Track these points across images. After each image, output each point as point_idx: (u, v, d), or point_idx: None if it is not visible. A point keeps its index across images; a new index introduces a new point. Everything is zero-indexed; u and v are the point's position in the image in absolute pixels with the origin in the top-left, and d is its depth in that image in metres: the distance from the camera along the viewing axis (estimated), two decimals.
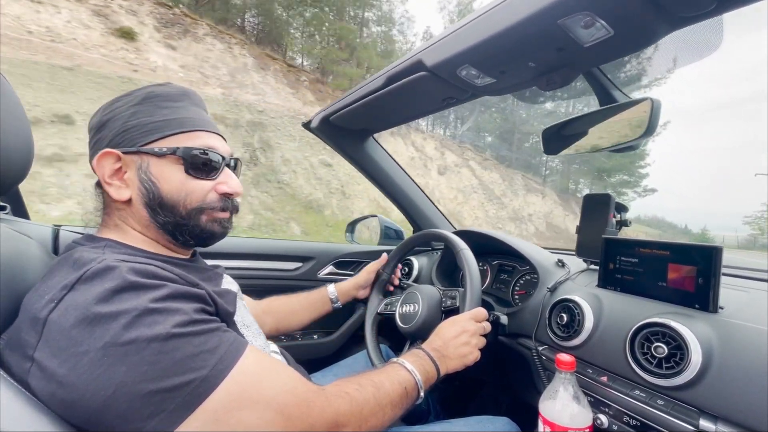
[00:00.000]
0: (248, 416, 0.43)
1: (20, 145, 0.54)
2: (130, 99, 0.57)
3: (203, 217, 0.59)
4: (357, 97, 0.98)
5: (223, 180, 0.61)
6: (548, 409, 0.60)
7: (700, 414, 0.55)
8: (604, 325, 0.72)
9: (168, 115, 0.57)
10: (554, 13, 0.53)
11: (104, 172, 0.55)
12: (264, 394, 0.45)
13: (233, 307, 0.60)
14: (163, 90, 0.59)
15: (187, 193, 0.57)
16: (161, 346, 0.40)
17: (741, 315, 0.60)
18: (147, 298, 0.42)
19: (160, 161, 0.56)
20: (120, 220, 0.58)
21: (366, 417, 0.54)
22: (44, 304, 0.42)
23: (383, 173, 1.39)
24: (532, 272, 1.08)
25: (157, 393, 0.39)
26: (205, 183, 0.59)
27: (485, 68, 0.72)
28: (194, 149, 0.57)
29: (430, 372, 0.68)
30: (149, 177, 0.56)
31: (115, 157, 0.55)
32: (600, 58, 0.65)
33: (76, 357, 0.38)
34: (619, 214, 0.92)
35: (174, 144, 0.56)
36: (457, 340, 0.74)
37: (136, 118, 0.56)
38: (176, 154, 0.56)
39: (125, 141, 0.55)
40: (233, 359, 0.44)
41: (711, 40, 0.59)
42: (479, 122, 16.47)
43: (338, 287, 1.08)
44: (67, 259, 0.47)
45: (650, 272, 0.72)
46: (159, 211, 0.56)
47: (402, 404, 0.61)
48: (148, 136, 0.55)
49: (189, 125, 0.58)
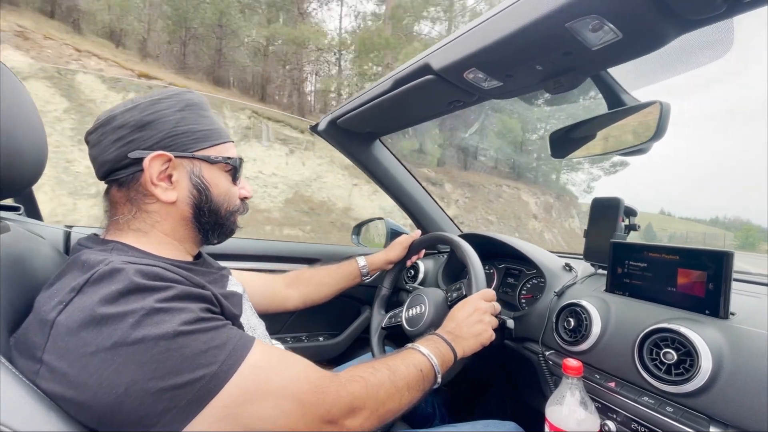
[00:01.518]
0: (263, 408, 0.44)
1: (34, 147, 0.55)
2: (173, 103, 0.58)
3: (233, 219, 0.65)
4: (364, 101, 0.99)
5: (243, 185, 0.68)
6: (555, 414, 0.60)
7: (709, 421, 0.54)
8: (611, 330, 0.72)
9: (210, 125, 0.61)
10: (562, 17, 0.53)
11: (153, 173, 0.55)
12: (277, 385, 0.46)
13: (239, 310, 0.60)
14: (198, 99, 0.62)
15: (228, 198, 0.63)
16: (169, 344, 0.41)
17: (752, 321, 0.59)
18: (153, 299, 0.43)
19: (212, 167, 0.61)
20: (148, 224, 0.57)
21: (382, 400, 0.54)
22: (53, 306, 0.42)
23: (390, 176, 1.39)
24: (539, 276, 1.07)
25: (169, 390, 0.39)
26: (236, 189, 0.66)
27: (492, 71, 0.72)
28: (237, 159, 0.64)
29: (446, 354, 0.68)
30: (203, 181, 0.59)
31: (165, 159, 0.55)
32: (608, 61, 0.65)
33: (86, 358, 0.39)
34: (628, 218, 0.91)
35: (217, 153, 0.61)
36: (470, 319, 0.75)
37: (185, 125, 0.58)
38: (228, 163, 0.62)
39: (176, 145, 0.56)
40: (242, 354, 0.45)
41: (721, 42, 0.59)
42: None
43: (369, 260, 1.08)
44: (75, 261, 0.48)
45: (659, 277, 0.71)
46: (205, 213, 0.60)
47: (419, 387, 0.60)
48: (198, 143, 0.59)
49: (224, 136, 0.64)
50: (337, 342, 1.44)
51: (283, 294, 0.97)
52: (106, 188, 0.59)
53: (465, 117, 13.93)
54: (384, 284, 1.13)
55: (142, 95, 0.59)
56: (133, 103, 0.56)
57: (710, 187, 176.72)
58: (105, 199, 0.59)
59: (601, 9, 0.50)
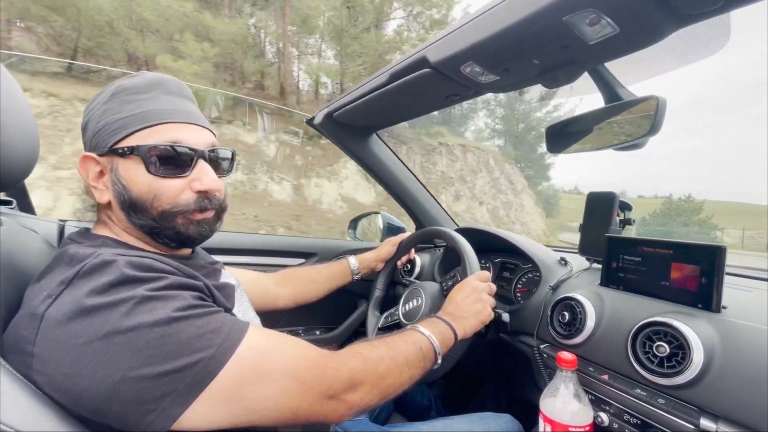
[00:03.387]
0: (263, 388, 0.44)
1: (25, 140, 0.54)
2: (102, 97, 0.55)
3: (178, 220, 0.55)
4: (360, 94, 0.98)
5: (196, 176, 0.56)
6: (549, 406, 0.60)
7: (701, 413, 0.55)
8: (606, 323, 0.72)
9: (132, 111, 0.53)
10: (559, 11, 0.52)
11: (88, 176, 0.55)
12: (276, 365, 0.46)
13: (231, 303, 0.60)
14: (132, 82, 0.55)
15: (155, 195, 0.53)
16: (164, 330, 0.41)
17: (744, 315, 0.60)
18: (144, 288, 0.43)
19: (126, 162, 0.53)
20: (108, 219, 0.57)
21: (382, 374, 0.55)
22: (42, 300, 0.42)
23: (386, 170, 1.38)
24: (534, 270, 1.08)
25: (166, 374, 0.39)
26: (176, 182, 0.54)
27: (489, 65, 0.71)
28: (154, 146, 0.52)
29: (446, 334, 0.69)
30: (119, 179, 0.53)
31: (91, 160, 0.55)
32: (605, 55, 0.65)
33: (78, 348, 0.39)
34: (623, 212, 0.91)
35: (136, 142, 0.52)
36: (469, 299, 0.77)
37: (105, 117, 0.53)
38: (135, 154, 0.52)
39: (99, 143, 0.54)
40: (238, 337, 0.45)
41: (718, 37, 0.59)
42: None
43: (359, 259, 1.08)
44: (62, 255, 0.47)
45: (653, 271, 0.71)
46: (132, 214, 0.54)
47: (418, 365, 0.61)
48: (115, 136, 0.52)
49: (153, 119, 0.53)
50: (334, 336, 1.44)
51: (274, 293, 0.96)
52: None
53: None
54: (377, 285, 1.13)
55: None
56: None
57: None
58: None
59: (599, 2, 0.50)
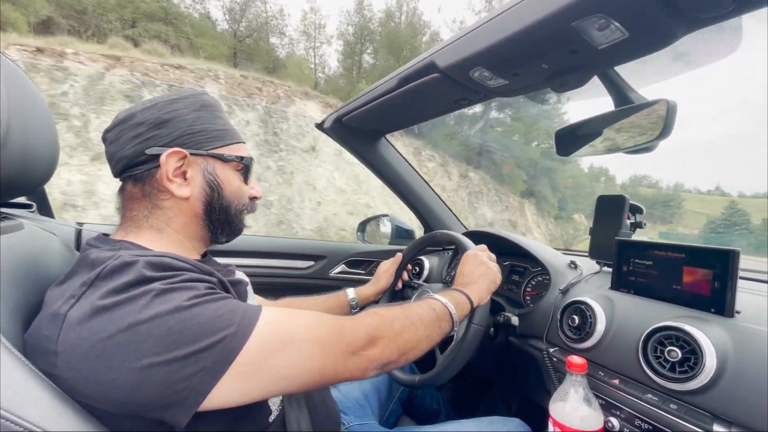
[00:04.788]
0: (286, 356, 0.47)
1: (46, 145, 0.56)
2: (190, 103, 0.60)
3: (241, 217, 0.67)
4: (369, 99, 0.99)
5: (252, 185, 0.69)
6: (558, 410, 0.60)
7: (713, 419, 0.54)
8: (616, 327, 0.72)
9: (224, 125, 0.64)
10: (568, 16, 0.53)
11: (169, 169, 0.57)
12: (296, 332, 0.49)
13: (244, 299, 0.61)
14: (212, 100, 0.65)
15: (239, 197, 0.65)
16: (183, 315, 0.43)
17: (758, 320, 0.59)
18: (161, 283, 0.45)
19: (225, 166, 0.62)
20: (160, 219, 0.58)
21: (398, 330, 0.58)
22: (65, 300, 0.44)
23: (395, 173, 1.39)
24: (543, 273, 1.07)
25: (192, 355, 0.41)
26: (246, 188, 0.67)
27: (498, 70, 0.72)
28: (249, 159, 0.66)
29: (460, 299, 0.73)
30: (216, 178, 0.61)
31: (181, 156, 0.57)
32: (615, 59, 0.65)
33: (102, 343, 0.40)
34: (634, 215, 0.91)
35: (231, 152, 0.63)
36: (473, 265, 0.82)
37: (201, 124, 0.60)
38: (241, 162, 0.64)
39: (192, 143, 0.59)
40: (255, 315, 0.48)
41: (729, 40, 0.58)
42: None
43: (358, 292, 1.07)
44: (84, 260, 0.49)
45: (665, 275, 0.71)
46: (216, 210, 0.62)
47: (433, 324, 0.65)
48: (213, 142, 0.61)
49: (237, 137, 0.66)
50: None
51: None
52: (121, 185, 0.60)
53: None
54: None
55: (161, 95, 0.61)
56: (152, 102, 0.58)
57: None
58: (119, 196, 0.60)
59: (608, 8, 0.50)
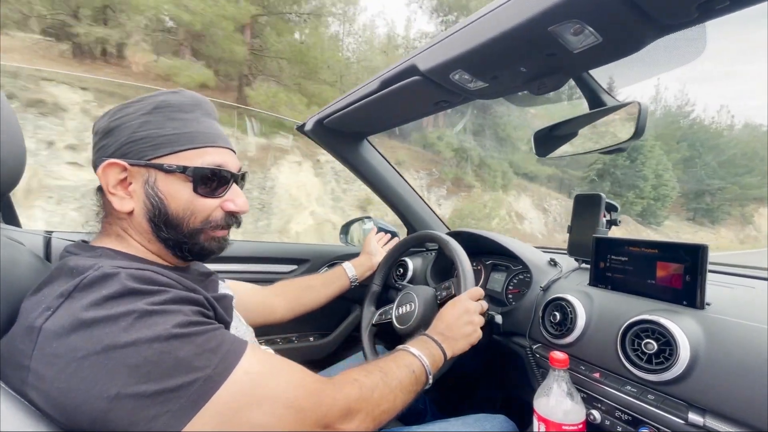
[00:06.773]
0: (258, 414, 0.43)
1: (12, 153, 0.53)
2: (141, 107, 0.55)
3: (202, 237, 0.59)
4: (351, 101, 0.99)
5: (230, 198, 0.60)
6: (542, 405, 0.61)
7: (689, 407, 0.57)
8: (595, 322, 0.74)
9: (178, 129, 0.55)
10: (545, 21, 0.54)
11: (108, 181, 0.54)
12: (271, 391, 0.45)
13: (230, 314, 0.60)
14: (176, 99, 0.57)
15: (192, 212, 0.57)
16: (163, 347, 0.40)
17: (727, 311, 0.62)
18: (145, 302, 0.42)
19: (168, 177, 0.55)
20: (121, 229, 0.57)
21: (377, 401, 0.55)
22: (40, 313, 0.41)
23: (378, 175, 1.39)
24: (525, 272, 1.10)
25: (162, 393, 0.39)
26: (212, 201, 0.58)
27: (478, 73, 0.73)
28: (204, 168, 0.56)
29: (437, 355, 0.69)
30: (156, 192, 0.54)
31: (121, 167, 0.54)
32: (589, 63, 0.67)
33: (76, 362, 0.38)
34: (609, 213, 0.94)
35: (183, 161, 0.55)
36: (460, 320, 0.76)
37: (145, 130, 0.54)
38: (185, 173, 0.55)
39: (133, 152, 0.54)
40: (236, 358, 0.45)
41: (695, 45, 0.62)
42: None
43: (355, 264, 1.09)
44: (62, 267, 0.47)
45: (639, 270, 0.74)
46: (162, 227, 0.56)
47: (411, 388, 0.62)
48: (157, 150, 0.54)
49: (199, 141, 0.57)
50: (328, 341, 1.44)
51: (271, 303, 0.97)
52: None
53: None
54: (375, 281, 1.14)
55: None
56: (108, 110, 0.56)
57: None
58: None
59: (582, 14, 0.52)
